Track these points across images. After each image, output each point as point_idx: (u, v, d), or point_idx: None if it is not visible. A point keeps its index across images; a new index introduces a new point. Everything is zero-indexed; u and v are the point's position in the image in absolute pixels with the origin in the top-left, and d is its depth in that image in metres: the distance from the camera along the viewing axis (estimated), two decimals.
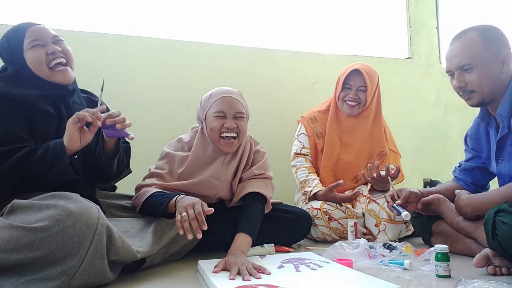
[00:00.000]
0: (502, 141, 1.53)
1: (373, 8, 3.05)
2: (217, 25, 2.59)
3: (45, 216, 1.10)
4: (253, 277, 1.25)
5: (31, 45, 1.39)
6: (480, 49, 1.50)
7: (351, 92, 2.17)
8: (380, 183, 1.96)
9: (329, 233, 1.99)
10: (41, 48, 1.40)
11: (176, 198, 1.43)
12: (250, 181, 1.71)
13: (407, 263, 1.42)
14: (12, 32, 1.43)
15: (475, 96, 1.53)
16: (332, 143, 2.22)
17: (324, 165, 2.21)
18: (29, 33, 1.40)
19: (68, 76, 1.44)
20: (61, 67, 1.42)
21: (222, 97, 1.64)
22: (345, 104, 2.19)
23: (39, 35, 1.41)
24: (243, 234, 1.49)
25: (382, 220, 1.96)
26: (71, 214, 1.11)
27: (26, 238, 1.08)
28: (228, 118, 1.62)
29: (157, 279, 1.34)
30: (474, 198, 1.56)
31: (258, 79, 2.59)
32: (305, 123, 2.31)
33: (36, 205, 1.14)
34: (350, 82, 2.17)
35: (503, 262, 1.34)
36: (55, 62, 1.40)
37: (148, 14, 2.45)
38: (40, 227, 1.09)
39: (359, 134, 2.22)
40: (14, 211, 1.15)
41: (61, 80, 1.42)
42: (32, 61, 1.39)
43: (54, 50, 1.40)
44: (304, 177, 2.18)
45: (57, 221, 1.10)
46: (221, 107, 1.62)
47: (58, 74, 1.41)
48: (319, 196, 2.07)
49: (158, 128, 2.33)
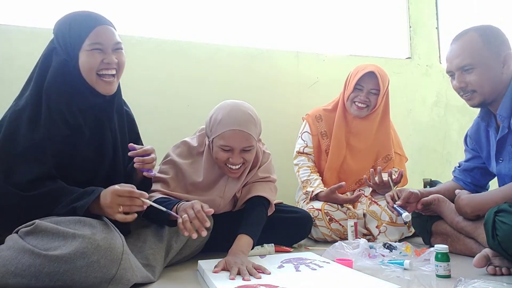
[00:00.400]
0: (502, 141, 1.53)
1: (373, 8, 3.05)
2: (216, 25, 2.59)
3: (70, 247, 1.07)
4: (253, 277, 1.25)
5: (91, 47, 1.30)
6: (481, 50, 1.50)
7: (362, 94, 2.11)
8: (382, 188, 1.95)
9: (329, 234, 1.99)
10: (99, 54, 1.31)
11: (177, 206, 1.42)
12: (254, 184, 1.70)
13: (407, 263, 1.42)
14: (77, 22, 1.32)
15: (476, 96, 1.53)
16: (339, 145, 2.18)
17: (329, 167, 2.17)
18: (94, 33, 1.31)
19: (111, 88, 1.36)
20: (108, 78, 1.34)
21: (232, 130, 1.50)
22: (354, 105, 2.14)
23: (103, 39, 1.32)
24: (244, 235, 1.48)
25: (383, 222, 1.96)
26: (97, 248, 1.09)
27: (49, 268, 1.06)
28: (235, 153, 1.53)
29: (157, 279, 1.34)
30: (474, 198, 1.57)
31: (258, 79, 2.59)
32: (310, 121, 2.26)
33: (62, 232, 1.10)
34: (363, 83, 2.10)
35: (503, 262, 1.34)
36: (105, 72, 1.33)
37: (148, 14, 2.45)
38: (65, 258, 1.06)
39: (366, 136, 2.19)
40: (36, 233, 1.12)
41: (103, 90, 1.35)
42: (85, 63, 1.31)
43: (110, 61, 1.33)
44: (306, 177, 2.17)
45: (83, 254, 1.07)
46: (229, 142, 1.51)
47: (102, 83, 1.34)
48: (320, 197, 2.06)
49: (158, 128, 2.33)
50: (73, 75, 1.32)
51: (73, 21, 1.33)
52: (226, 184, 1.66)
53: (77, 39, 1.30)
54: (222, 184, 1.66)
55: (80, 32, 1.31)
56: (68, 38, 1.31)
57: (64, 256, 1.06)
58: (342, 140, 2.18)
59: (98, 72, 1.33)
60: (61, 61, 1.31)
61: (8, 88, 2.03)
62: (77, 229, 1.12)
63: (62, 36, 1.32)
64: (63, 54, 1.32)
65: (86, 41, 1.30)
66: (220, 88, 2.46)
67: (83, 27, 1.31)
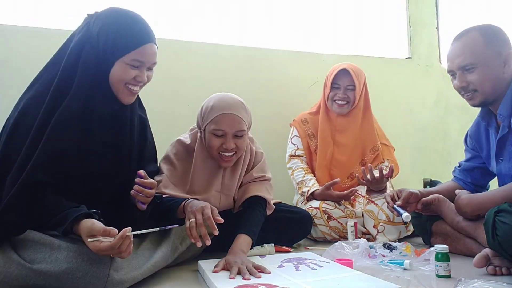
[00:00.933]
0: (502, 141, 1.53)
1: (373, 8, 3.05)
2: (216, 25, 2.59)
3: (55, 262, 1.06)
4: (253, 276, 1.25)
5: (131, 63, 1.27)
6: (482, 49, 1.50)
7: (339, 92, 2.20)
8: (375, 183, 1.97)
9: (328, 232, 1.99)
10: (134, 70, 1.28)
11: (184, 203, 1.41)
12: (250, 184, 1.71)
13: (407, 263, 1.42)
14: (128, 30, 1.26)
15: (477, 96, 1.53)
16: (325, 143, 2.25)
17: (319, 164, 2.23)
18: (140, 50, 1.26)
19: (133, 99, 1.35)
20: (134, 91, 1.33)
21: (224, 114, 1.54)
22: (335, 104, 2.22)
23: (145, 59, 1.29)
24: (243, 235, 1.48)
25: (380, 221, 1.96)
26: (82, 264, 1.06)
27: (35, 280, 1.05)
28: (228, 137, 1.55)
29: (157, 279, 1.33)
30: (474, 197, 1.56)
31: (257, 79, 2.59)
32: (296, 125, 2.35)
33: (49, 243, 1.09)
34: (339, 81, 2.20)
35: (503, 262, 1.34)
36: (132, 87, 1.31)
37: (148, 14, 2.44)
38: (50, 273, 1.05)
39: (351, 132, 2.25)
40: (25, 243, 1.11)
41: (125, 100, 1.33)
42: (118, 74, 1.27)
43: (142, 80, 1.31)
44: (300, 178, 2.21)
45: (68, 269, 1.06)
46: (221, 125, 1.54)
47: (127, 94, 1.32)
48: (316, 195, 2.09)
49: (158, 128, 2.31)
50: (100, 79, 1.27)
51: (125, 25, 1.26)
52: (223, 177, 1.67)
53: (121, 48, 1.25)
54: (218, 178, 1.67)
55: (127, 43, 1.25)
56: (112, 41, 1.25)
57: (48, 271, 1.05)
58: (328, 138, 2.25)
59: (127, 84, 1.30)
60: (93, 61, 1.25)
61: (7, 88, 2.05)
62: (64, 240, 1.10)
63: (106, 35, 1.25)
64: (97, 53, 1.25)
65: (130, 54, 1.25)
66: (220, 88, 2.42)
67: (133, 39, 1.26)
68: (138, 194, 1.29)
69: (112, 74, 1.28)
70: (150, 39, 1.30)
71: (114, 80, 1.28)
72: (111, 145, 1.32)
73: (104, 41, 1.25)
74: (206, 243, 1.30)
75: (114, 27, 1.26)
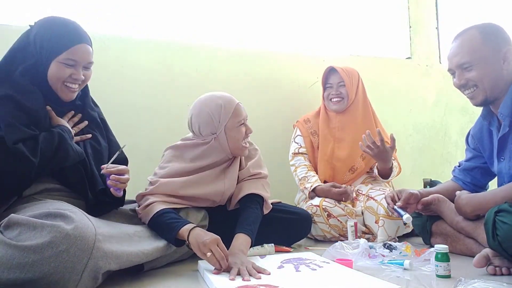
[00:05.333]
0: (504, 140, 1.53)
1: (373, 8, 3.05)
2: (216, 26, 2.59)
3: (39, 237, 1.06)
4: (253, 277, 1.25)
5: (65, 61, 1.37)
6: (480, 46, 1.50)
7: (332, 90, 2.30)
8: (378, 154, 2.00)
9: (328, 230, 2.00)
10: (69, 68, 1.38)
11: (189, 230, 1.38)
12: (246, 182, 1.71)
13: (407, 263, 1.42)
14: (60, 32, 1.38)
15: (478, 93, 1.53)
16: (326, 140, 2.31)
17: (321, 159, 2.28)
18: (72, 50, 1.37)
19: (72, 96, 1.44)
20: (72, 89, 1.42)
21: (238, 104, 1.67)
22: (331, 102, 2.31)
23: (79, 57, 1.39)
24: (241, 234, 1.48)
25: (380, 216, 1.97)
26: (66, 237, 1.06)
27: (18, 259, 1.04)
28: (246, 124, 1.69)
29: (157, 279, 1.34)
30: (474, 197, 1.56)
31: (258, 80, 2.59)
32: (299, 125, 2.41)
33: (32, 223, 1.09)
34: (330, 81, 2.31)
35: (503, 262, 1.34)
36: (70, 84, 1.41)
37: (147, 15, 2.45)
38: (33, 248, 1.04)
39: (351, 128, 2.29)
40: (10, 226, 1.11)
41: (64, 97, 1.42)
42: (54, 73, 1.37)
43: (78, 78, 1.40)
44: (303, 174, 2.24)
45: (51, 243, 1.05)
46: (241, 114, 1.66)
47: (65, 91, 1.41)
48: (318, 190, 2.11)
49: (158, 128, 2.33)
50: (40, 78, 1.37)
51: (57, 29, 1.38)
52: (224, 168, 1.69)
53: (55, 48, 1.36)
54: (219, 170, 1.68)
55: (59, 44, 1.36)
56: (46, 43, 1.36)
57: (32, 246, 1.05)
58: (328, 136, 2.32)
59: (64, 82, 1.40)
60: (32, 62, 1.36)
61: None
62: (48, 220, 1.11)
63: (41, 39, 1.36)
64: (35, 55, 1.36)
65: (63, 54, 1.36)
66: (220, 88, 2.43)
67: (64, 40, 1.37)
68: (117, 183, 1.37)
69: (49, 74, 1.38)
70: (82, 40, 1.41)
71: (52, 79, 1.38)
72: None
73: (40, 45, 1.37)
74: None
75: (48, 31, 1.37)
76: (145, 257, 1.31)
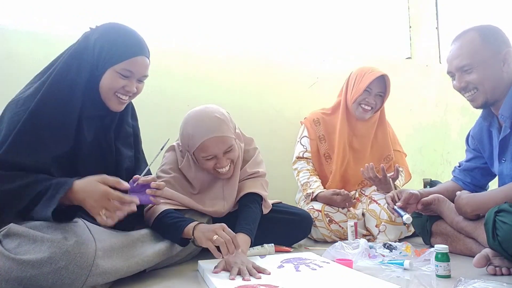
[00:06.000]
0: (505, 142, 1.53)
1: (373, 8, 3.05)
2: (216, 25, 2.59)
3: (38, 251, 1.04)
4: (253, 277, 1.25)
5: (121, 72, 1.32)
6: (479, 48, 1.50)
7: (370, 97, 2.14)
8: (380, 184, 1.98)
9: (329, 235, 2.00)
10: (123, 80, 1.33)
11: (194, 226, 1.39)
12: (244, 182, 1.71)
13: (407, 263, 1.42)
14: (121, 41, 1.32)
15: (478, 95, 1.52)
16: (343, 150, 2.19)
17: (335, 173, 2.17)
18: (131, 62, 1.32)
19: (121, 108, 1.39)
20: (123, 100, 1.37)
21: (207, 139, 1.52)
22: (360, 108, 2.16)
23: (135, 70, 1.33)
24: (241, 234, 1.48)
25: (382, 221, 1.96)
26: (65, 254, 1.05)
27: (16, 272, 1.03)
28: (219, 157, 1.56)
29: (157, 279, 1.34)
30: (474, 197, 1.56)
31: (257, 79, 2.59)
32: (308, 125, 2.28)
33: (32, 235, 1.08)
34: (371, 86, 2.13)
35: (503, 262, 1.34)
36: (121, 96, 1.36)
37: (146, 16, 2.45)
38: (32, 263, 1.03)
39: (367, 138, 2.22)
40: (10, 236, 1.10)
41: (113, 108, 1.37)
42: (108, 82, 1.32)
43: (131, 90, 1.35)
44: (305, 179, 2.18)
45: (50, 259, 1.04)
46: (209, 151, 1.54)
47: (115, 102, 1.36)
48: (320, 197, 2.08)
49: (157, 127, 2.33)
50: (92, 84, 1.32)
51: (119, 37, 1.33)
52: (223, 185, 1.67)
53: (113, 57, 1.31)
54: (219, 185, 1.67)
55: (120, 52, 1.31)
56: (106, 50, 1.31)
57: (30, 261, 1.03)
58: (345, 144, 2.20)
59: (116, 93, 1.34)
60: (88, 67, 1.31)
61: (6, 88, 2.05)
62: (48, 233, 1.09)
63: (101, 45, 1.31)
64: (92, 61, 1.31)
65: (121, 64, 1.31)
66: (220, 88, 2.46)
67: (125, 50, 1.32)
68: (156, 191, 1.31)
69: (102, 82, 1.33)
70: (142, 53, 1.36)
71: (104, 87, 1.33)
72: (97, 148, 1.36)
73: (99, 51, 1.32)
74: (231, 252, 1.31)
75: (110, 38, 1.33)
76: (146, 264, 1.30)
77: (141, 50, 1.36)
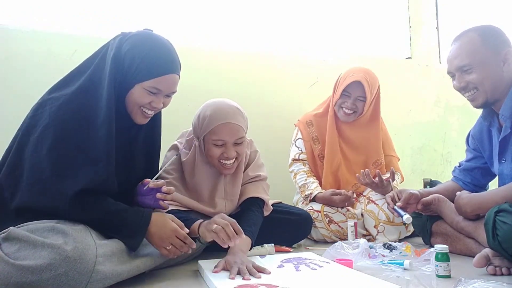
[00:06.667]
0: (505, 141, 1.53)
1: (373, 8, 3.05)
2: (216, 26, 2.59)
3: (38, 257, 1.04)
4: (253, 276, 1.25)
5: (149, 89, 1.29)
6: (479, 49, 1.50)
7: (349, 101, 2.14)
8: (376, 188, 1.98)
9: (329, 235, 2.00)
10: (151, 96, 1.31)
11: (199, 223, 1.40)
12: (246, 186, 1.71)
13: (407, 263, 1.42)
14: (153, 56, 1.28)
15: (478, 95, 1.52)
16: (333, 151, 2.20)
17: (326, 172, 2.19)
18: (161, 79, 1.29)
19: (145, 121, 1.38)
20: (148, 115, 1.36)
21: (223, 124, 1.53)
22: (341, 111, 2.17)
23: (164, 87, 1.31)
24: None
25: (381, 221, 1.96)
26: (65, 260, 1.04)
27: (16, 278, 1.03)
28: (228, 146, 1.55)
29: (158, 279, 1.34)
30: (474, 197, 1.56)
31: (257, 80, 2.59)
32: (301, 127, 2.29)
33: (32, 240, 1.07)
34: (350, 90, 2.13)
35: (503, 262, 1.34)
36: (146, 110, 1.34)
37: (148, 17, 2.45)
38: (32, 269, 1.02)
39: (355, 140, 2.22)
40: (10, 240, 1.09)
41: (138, 121, 1.36)
42: (135, 97, 1.30)
43: (157, 106, 1.33)
44: (303, 181, 2.18)
45: (49, 265, 1.03)
46: (221, 135, 1.53)
47: (140, 116, 1.35)
48: (318, 198, 2.07)
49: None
50: (119, 95, 1.30)
51: (151, 52, 1.29)
52: (225, 184, 1.67)
53: (144, 72, 1.28)
54: (220, 186, 1.67)
55: (149, 70, 1.28)
56: (136, 65, 1.27)
57: (30, 267, 1.03)
58: (336, 146, 2.21)
59: (142, 107, 1.33)
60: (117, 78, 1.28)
61: (6, 88, 2.05)
62: (48, 237, 1.08)
63: (131, 58, 1.28)
64: (121, 72, 1.29)
65: (150, 81, 1.28)
66: (220, 88, 2.45)
67: (156, 68, 1.28)
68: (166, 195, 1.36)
69: (129, 95, 1.31)
70: (173, 70, 1.33)
71: (131, 101, 1.32)
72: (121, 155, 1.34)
73: (129, 63, 1.28)
74: (231, 244, 1.32)
75: (141, 51, 1.29)
76: (147, 267, 1.30)
77: (172, 67, 1.32)
